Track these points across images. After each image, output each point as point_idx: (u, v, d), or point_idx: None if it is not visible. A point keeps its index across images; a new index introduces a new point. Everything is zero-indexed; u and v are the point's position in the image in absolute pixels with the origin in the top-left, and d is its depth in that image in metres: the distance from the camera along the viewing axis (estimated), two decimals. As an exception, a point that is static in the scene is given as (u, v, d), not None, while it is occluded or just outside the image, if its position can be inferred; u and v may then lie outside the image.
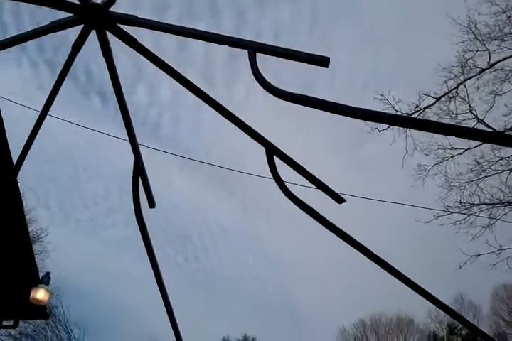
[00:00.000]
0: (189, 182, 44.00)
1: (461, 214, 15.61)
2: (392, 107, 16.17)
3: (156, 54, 4.39)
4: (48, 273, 8.29)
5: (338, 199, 4.30)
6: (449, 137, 15.72)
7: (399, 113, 16.16)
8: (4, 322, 8.37)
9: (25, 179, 37.71)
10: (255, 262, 45.46)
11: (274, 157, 4.29)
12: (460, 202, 15.54)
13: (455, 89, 15.33)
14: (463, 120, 15.71)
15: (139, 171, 5.44)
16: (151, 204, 6.11)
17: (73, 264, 36.72)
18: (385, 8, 27.96)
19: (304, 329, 46.33)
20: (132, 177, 5.46)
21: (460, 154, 15.84)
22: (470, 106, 15.60)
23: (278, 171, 4.34)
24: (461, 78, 15.26)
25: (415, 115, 16.22)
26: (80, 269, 38.55)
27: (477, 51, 15.03)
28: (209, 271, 46.45)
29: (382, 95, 16.17)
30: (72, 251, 38.70)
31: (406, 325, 47.06)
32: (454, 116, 15.86)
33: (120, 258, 45.24)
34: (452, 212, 15.44)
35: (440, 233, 17.59)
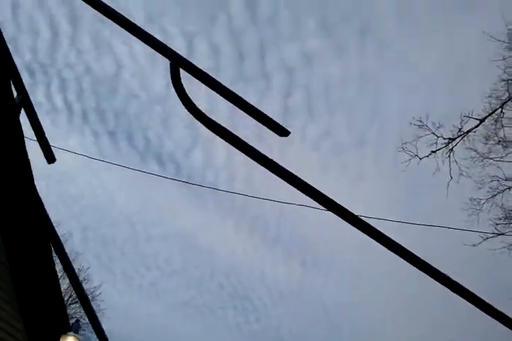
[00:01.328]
0: (244, 240, 43.89)
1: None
2: (433, 133, 15.25)
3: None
4: (77, 321, 7.19)
5: (281, 131, 3.42)
6: (502, 166, 14.74)
7: (440, 139, 15.31)
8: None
9: (86, 240, 39.28)
10: (316, 319, 43.29)
11: (181, 69, 3.42)
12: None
13: (500, 109, 14.38)
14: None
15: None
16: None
17: (131, 324, 37.36)
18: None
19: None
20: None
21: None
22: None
23: (182, 82, 3.41)
24: (505, 97, 14.35)
25: (458, 140, 15.27)
26: (137, 330, 38.59)
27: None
28: (271, 331, 43.61)
29: (420, 121, 15.37)
30: (129, 311, 39.29)
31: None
32: (500, 138, 14.85)
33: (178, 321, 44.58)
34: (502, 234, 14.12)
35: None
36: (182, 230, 42.28)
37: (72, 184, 41.17)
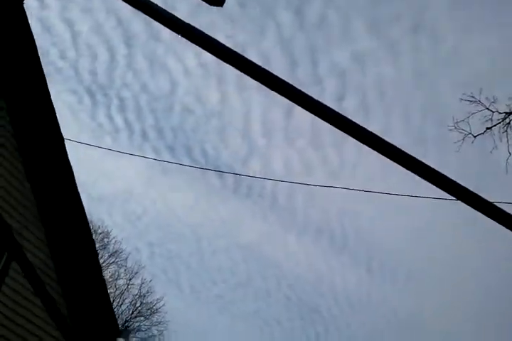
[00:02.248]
0: (309, 250, 42.00)
1: None
2: (487, 108, 13.61)
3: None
4: (126, 327, 13.96)
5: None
6: None
7: (496, 114, 13.64)
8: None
9: (153, 255, 41.37)
10: (388, 329, 40.11)
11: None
12: None
13: None
14: None
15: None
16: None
17: (199, 338, 38.45)
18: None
19: None
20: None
21: None
22: None
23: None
24: None
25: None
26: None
27: None
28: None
29: (472, 96, 13.76)
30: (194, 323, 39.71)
31: None
32: None
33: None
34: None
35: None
36: (246, 242, 41.38)
37: (136, 202, 42.91)
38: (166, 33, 33.78)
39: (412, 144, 32.69)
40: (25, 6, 6.91)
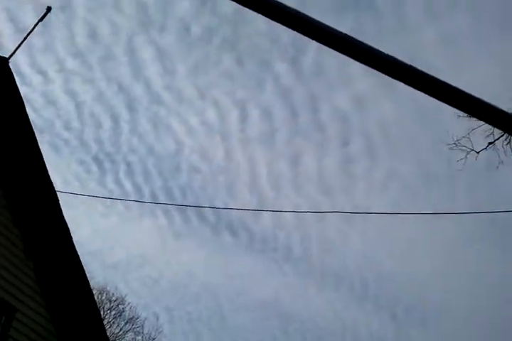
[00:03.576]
0: (330, 300, 41.13)
1: None
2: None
3: None
4: None
5: None
6: None
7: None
8: None
9: (172, 319, 38.48)
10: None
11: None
12: None
13: None
14: None
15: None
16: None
17: None
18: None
19: None
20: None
21: None
22: None
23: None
24: None
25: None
26: None
27: None
28: None
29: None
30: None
31: None
32: None
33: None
34: None
35: None
36: (265, 298, 40.63)
37: (150, 266, 41.54)
38: (167, 95, 36.49)
39: (422, 182, 33.35)
40: (10, 64, 6.91)
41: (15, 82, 6.71)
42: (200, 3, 27.23)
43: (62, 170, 34.22)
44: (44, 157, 7.22)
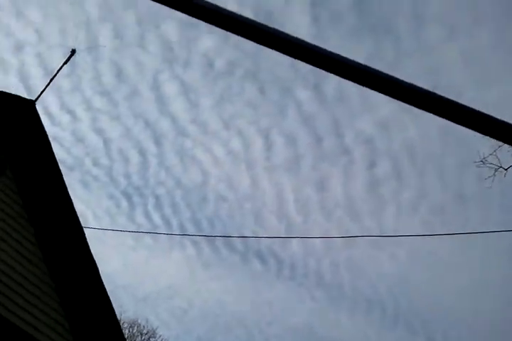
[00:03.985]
0: (363, 325, 40.43)
1: None
2: None
3: None
4: None
5: None
6: None
7: None
8: None
9: None
10: None
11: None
12: None
13: None
14: None
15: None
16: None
17: None
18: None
19: None
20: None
21: None
22: None
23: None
24: None
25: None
26: None
27: None
28: None
29: None
30: None
31: None
32: None
33: None
34: None
35: None
36: (297, 325, 40.21)
37: (180, 297, 42.66)
38: (192, 127, 36.65)
39: (452, 201, 33.21)
40: (38, 106, 7.13)
41: (41, 123, 6.98)
42: (223, 39, 27.14)
43: (92, 206, 35.75)
44: (74, 193, 7.42)
